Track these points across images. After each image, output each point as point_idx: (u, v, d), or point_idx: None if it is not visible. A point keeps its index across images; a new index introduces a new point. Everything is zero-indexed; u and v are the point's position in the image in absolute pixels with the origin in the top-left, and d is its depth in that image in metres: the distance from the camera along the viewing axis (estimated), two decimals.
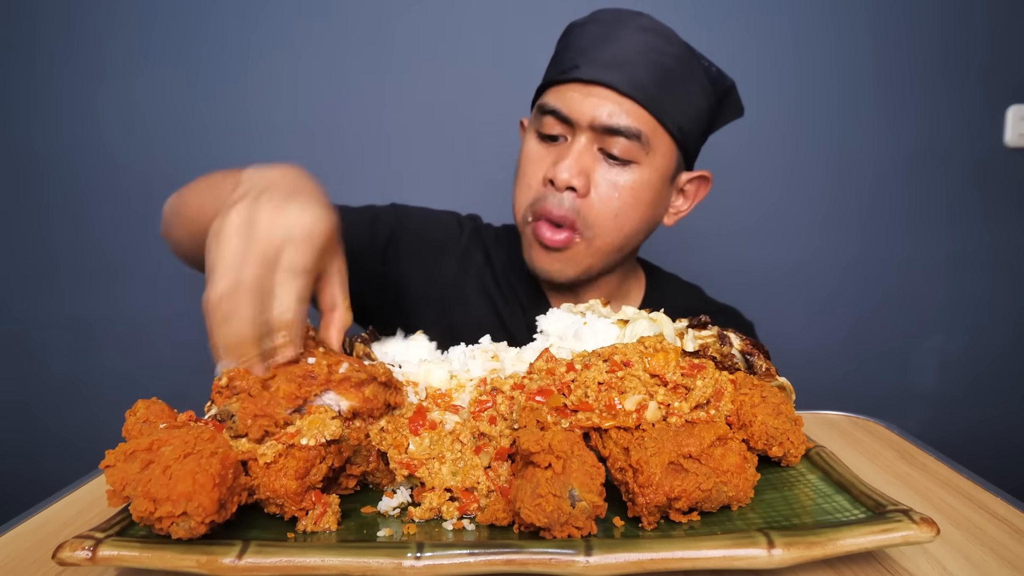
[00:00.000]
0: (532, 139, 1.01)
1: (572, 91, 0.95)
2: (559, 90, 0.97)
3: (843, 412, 0.91)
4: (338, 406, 0.58)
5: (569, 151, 0.95)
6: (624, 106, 0.94)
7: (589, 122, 0.94)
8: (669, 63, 0.95)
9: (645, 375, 0.59)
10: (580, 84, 0.95)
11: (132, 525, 0.52)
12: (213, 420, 0.59)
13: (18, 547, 0.58)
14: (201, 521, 0.47)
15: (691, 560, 0.47)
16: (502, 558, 0.47)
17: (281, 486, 0.53)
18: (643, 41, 0.95)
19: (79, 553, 0.47)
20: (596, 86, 0.94)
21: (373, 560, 0.47)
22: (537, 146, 1.00)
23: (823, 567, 0.51)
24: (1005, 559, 0.53)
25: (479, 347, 0.77)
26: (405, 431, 0.61)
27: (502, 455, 0.59)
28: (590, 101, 0.94)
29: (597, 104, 0.94)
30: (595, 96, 0.94)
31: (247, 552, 0.47)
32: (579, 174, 0.95)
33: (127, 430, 0.55)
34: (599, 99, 0.94)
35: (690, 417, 0.58)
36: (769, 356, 0.74)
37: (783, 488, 0.59)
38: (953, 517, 0.60)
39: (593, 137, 0.96)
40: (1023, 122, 1.78)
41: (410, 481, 0.60)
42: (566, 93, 0.96)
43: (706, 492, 0.53)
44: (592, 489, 0.50)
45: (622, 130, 0.94)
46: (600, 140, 0.96)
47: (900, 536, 0.48)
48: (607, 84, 0.93)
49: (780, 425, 0.60)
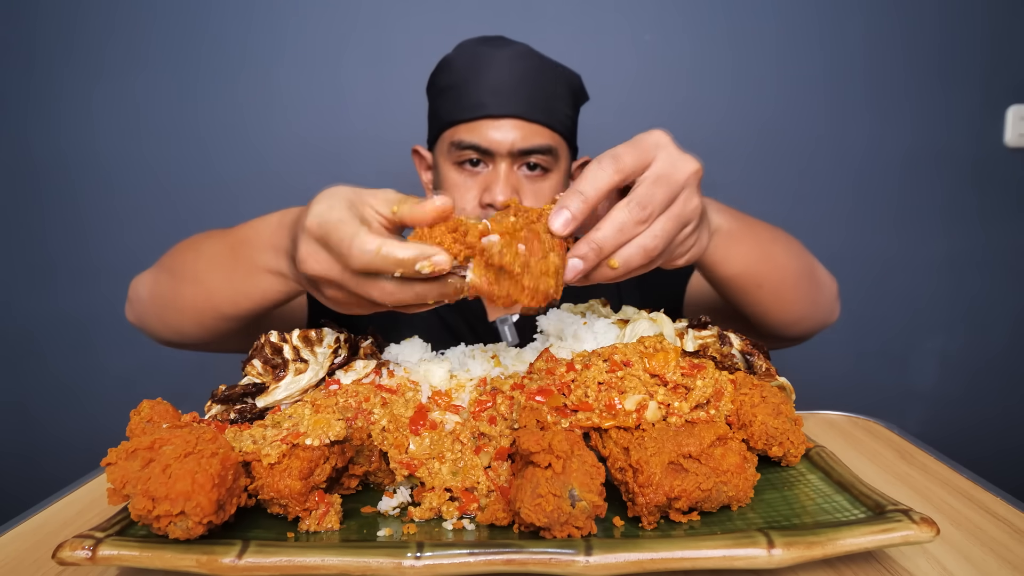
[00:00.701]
0: (451, 170, 1.13)
1: (484, 126, 1.08)
2: (471, 127, 1.09)
3: (843, 412, 0.91)
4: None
5: (497, 176, 1.08)
6: (532, 129, 1.08)
7: (508, 149, 1.07)
8: (544, 80, 1.10)
9: (645, 375, 0.59)
10: (490, 119, 1.08)
11: (132, 525, 0.52)
12: (214, 421, 0.59)
13: (18, 547, 0.58)
14: (199, 521, 0.47)
15: (691, 560, 0.47)
16: (502, 558, 0.47)
17: (285, 486, 0.53)
18: (524, 67, 1.08)
19: (79, 553, 0.47)
20: (505, 119, 1.07)
21: (373, 560, 0.47)
22: (458, 175, 1.12)
23: (823, 567, 0.51)
24: (1005, 559, 0.53)
25: (479, 347, 0.78)
26: (405, 431, 0.61)
27: (502, 455, 0.59)
28: (503, 132, 1.07)
29: (510, 134, 1.07)
30: (506, 127, 1.07)
31: (247, 552, 0.47)
32: (513, 193, 1.08)
33: (131, 429, 0.55)
34: (511, 129, 1.07)
35: (690, 417, 0.58)
36: (769, 356, 0.74)
37: (783, 488, 0.59)
38: (953, 517, 0.60)
39: (512, 160, 1.09)
40: (1023, 122, 1.78)
41: (410, 481, 0.61)
42: (479, 129, 1.08)
43: (706, 492, 0.53)
44: (592, 489, 0.50)
45: (537, 148, 1.08)
46: (518, 160, 1.09)
47: (900, 536, 0.48)
48: (515, 115, 1.07)
49: (780, 425, 0.60)
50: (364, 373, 0.70)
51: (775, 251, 0.85)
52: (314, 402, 0.61)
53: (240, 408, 0.67)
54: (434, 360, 0.73)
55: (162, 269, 0.91)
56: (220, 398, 0.67)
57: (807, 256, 0.92)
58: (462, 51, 1.14)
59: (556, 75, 1.12)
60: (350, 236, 0.54)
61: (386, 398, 0.65)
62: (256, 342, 0.71)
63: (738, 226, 0.77)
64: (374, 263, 0.53)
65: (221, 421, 0.65)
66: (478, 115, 1.08)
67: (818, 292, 0.93)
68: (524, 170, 1.11)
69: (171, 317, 0.88)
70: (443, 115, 1.13)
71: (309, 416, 0.58)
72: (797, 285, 0.89)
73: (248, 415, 0.66)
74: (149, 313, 0.92)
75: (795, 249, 0.90)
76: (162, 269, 0.91)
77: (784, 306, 0.88)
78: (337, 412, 0.60)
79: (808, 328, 0.95)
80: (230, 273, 0.77)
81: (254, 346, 0.71)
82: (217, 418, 0.66)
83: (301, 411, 0.60)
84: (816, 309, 0.94)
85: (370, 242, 0.53)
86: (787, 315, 0.89)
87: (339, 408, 0.62)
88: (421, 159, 1.27)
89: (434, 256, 0.53)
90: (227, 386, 0.68)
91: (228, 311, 0.80)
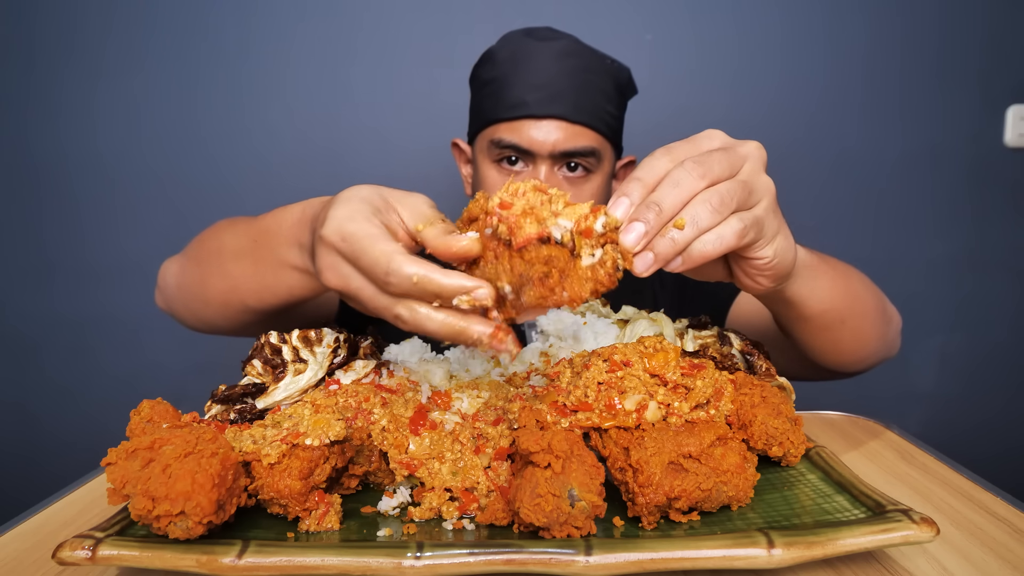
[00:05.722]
0: (490, 168, 1.10)
1: (525, 126, 1.04)
2: (512, 126, 1.05)
3: (843, 412, 0.91)
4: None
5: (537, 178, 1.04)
6: (575, 131, 1.04)
7: (549, 151, 1.04)
8: (592, 77, 1.06)
9: (645, 375, 0.59)
10: (531, 120, 1.04)
11: (132, 525, 0.52)
12: (214, 421, 0.59)
13: (18, 547, 0.58)
14: (199, 521, 0.47)
15: (691, 560, 0.47)
16: (502, 558, 0.47)
17: (285, 486, 0.53)
18: (570, 65, 1.04)
19: (79, 553, 0.47)
20: (547, 120, 1.04)
21: (373, 560, 0.47)
22: (497, 174, 1.09)
23: (823, 567, 0.51)
24: (1005, 559, 0.53)
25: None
26: (405, 431, 0.61)
27: (502, 455, 0.59)
28: (544, 133, 1.04)
29: (552, 134, 1.04)
30: (548, 128, 1.04)
31: (247, 552, 0.47)
32: None
33: (131, 429, 0.55)
34: (553, 130, 1.04)
35: (690, 417, 0.58)
36: (769, 356, 0.74)
37: (783, 488, 0.59)
38: (953, 517, 0.60)
39: (553, 162, 1.06)
40: (1023, 122, 1.78)
41: (410, 481, 0.61)
42: (520, 129, 1.05)
43: (706, 492, 0.53)
44: (592, 489, 0.50)
45: (579, 151, 1.05)
46: (559, 162, 1.06)
47: (900, 536, 0.48)
48: (558, 116, 1.03)
49: (780, 425, 0.60)
50: (364, 373, 0.70)
51: (855, 285, 0.80)
52: (314, 402, 0.61)
53: (240, 408, 0.67)
54: (434, 360, 0.73)
55: (188, 257, 0.87)
56: (220, 398, 0.67)
57: (877, 290, 0.87)
58: (506, 43, 1.10)
59: (603, 71, 1.07)
60: (386, 258, 0.50)
61: (386, 398, 0.65)
62: (256, 342, 0.71)
63: (816, 259, 0.72)
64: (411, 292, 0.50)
65: (221, 421, 0.65)
66: (519, 115, 1.04)
67: (888, 327, 0.89)
68: (564, 171, 1.07)
69: (198, 307, 0.85)
70: (484, 111, 1.09)
71: (309, 416, 0.58)
72: (875, 322, 0.84)
73: (248, 415, 0.66)
74: (176, 300, 0.89)
75: (869, 285, 0.86)
76: (188, 257, 0.87)
77: (860, 343, 0.83)
78: (337, 412, 0.60)
79: (872, 364, 0.89)
80: (255, 266, 0.73)
81: (254, 346, 0.71)
82: (217, 418, 0.66)
83: (301, 411, 0.60)
84: (885, 344, 0.89)
85: (409, 266, 0.49)
86: (861, 352, 0.84)
87: (339, 408, 0.62)
88: (461, 152, 1.24)
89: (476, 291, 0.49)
90: (227, 386, 0.68)
91: (253, 304, 0.76)
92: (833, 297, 0.73)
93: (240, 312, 0.79)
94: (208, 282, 0.81)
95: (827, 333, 0.77)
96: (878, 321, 0.85)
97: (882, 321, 0.86)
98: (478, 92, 1.12)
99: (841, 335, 0.78)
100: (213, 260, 0.81)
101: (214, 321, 0.84)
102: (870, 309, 0.82)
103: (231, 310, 0.80)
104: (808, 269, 0.69)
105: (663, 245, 0.51)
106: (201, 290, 0.83)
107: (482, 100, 1.10)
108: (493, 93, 1.07)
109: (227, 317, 0.82)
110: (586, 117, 1.04)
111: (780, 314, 0.77)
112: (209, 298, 0.82)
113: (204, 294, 0.82)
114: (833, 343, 0.80)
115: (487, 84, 1.09)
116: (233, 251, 0.77)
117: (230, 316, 0.81)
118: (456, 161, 1.25)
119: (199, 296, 0.84)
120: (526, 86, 1.04)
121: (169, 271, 0.90)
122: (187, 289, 0.86)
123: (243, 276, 0.75)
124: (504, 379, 0.72)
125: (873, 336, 0.85)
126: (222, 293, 0.79)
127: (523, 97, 1.03)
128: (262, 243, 0.71)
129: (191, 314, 0.88)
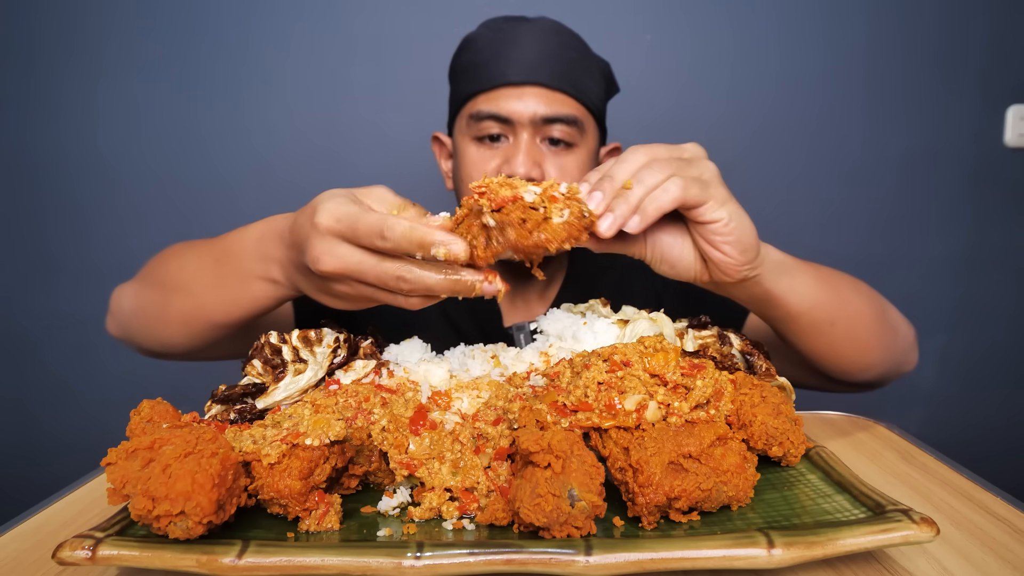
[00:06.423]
0: (469, 145, 1.07)
1: (505, 94, 1.02)
2: (490, 96, 1.03)
3: (843, 412, 0.91)
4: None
5: (518, 147, 1.02)
6: (556, 98, 1.02)
7: (530, 118, 1.01)
8: (575, 55, 1.05)
9: (645, 375, 0.59)
10: (511, 87, 1.02)
11: (132, 525, 0.52)
12: (214, 421, 0.59)
13: (18, 547, 0.58)
14: (199, 521, 0.47)
15: (691, 560, 0.47)
16: (502, 558, 0.47)
17: (285, 486, 0.53)
18: (554, 41, 1.03)
19: (79, 553, 0.47)
20: (527, 86, 1.01)
21: (373, 560, 0.47)
22: (477, 150, 1.06)
23: (823, 567, 0.51)
24: (1005, 559, 0.53)
25: (478, 347, 0.78)
26: (405, 431, 0.61)
27: (502, 455, 0.59)
28: (525, 100, 1.01)
29: (533, 101, 1.01)
30: (528, 95, 1.01)
31: (247, 552, 0.47)
32: (534, 166, 1.02)
33: (131, 429, 0.55)
34: (533, 96, 1.01)
35: (690, 417, 0.58)
36: (769, 356, 0.74)
37: (783, 488, 0.59)
38: (953, 517, 0.60)
39: (534, 131, 1.03)
40: (1023, 122, 1.78)
41: (410, 481, 0.60)
42: (499, 98, 1.02)
43: (706, 492, 0.53)
44: (592, 489, 0.50)
45: (561, 117, 1.02)
46: (541, 131, 1.03)
47: (900, 536, 0.48)
48: (537, 83, 1.01)
49: (780, 425, 0.60)
50: (364, 373, 0.70)
51: (843, 287, 0.82)
52: (314, 402, 0.61)
53: (240, 408, 0.67)
54: (434, 360, 0.73)
55: (146, 281, 0.90)
56: (220, 398, 0.67)
57: (879, 298, 0.88)
58: (485, 28, 1.08)
59: (587, 54, 1.07)
60: (379, 219, 0.57)
61: (386, 398, 0.65)
62: (256, 342, 0.71)
63: (794, 260, 0.75)
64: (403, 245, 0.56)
65: (221, 421, 0.65)
66: (498, 83, 1.02)
67: (893, 336, 0.88)
68: (547, 144, 1.04)
69: (158, 328, 0.87)
70: (463, 89, 1.07)
71: (309, 416, 0.58)
72: (870, 326, 0.84)
73: (248, 415, 0.66)
74: (134, 325, 0.91)
75: (864, 289, 0.86)
76: (146, 281, 0.90)
77: (858, 348, 0.83)
78: (337, 412, 0.60)
79: (882, 374, 0.89)
80: (220, 282, 0.78)
81: (254, 346, 0.71)
82: (217, 418, 0.66)
83: (301, 411, 0.60)
84: (891, 354, 0.89)
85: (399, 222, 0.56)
86: (862, 359, 0.85)
87: (339, 408, 0.62)
88: (442, 147, 1.22)
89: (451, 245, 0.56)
90: (227, 386, 0.68)
91: (219, 319, 0.80)
92: (816, 296, 0.76)
93: (204, 328, 0.82)
94: (170, 302, 0.84)
95: (819, 335, 0.79)
96: (875, 326, 0.85)
97: (882, 327, 0.86)
98: (456, 77, 1.10)
99: (833, 337, 0.80)
100: (175, 280, 0.85)
101: (174, 341, 0.87)
102: (863, 312, 0.83)
103: (194, 327, 0.83)
104: (783, 266, 0.73)
105: (619, 203, 0.61)
106: (162, 311, 0.86)
107: (460, 82, 1.08)
108: (473, 72, 1.05)
109: (189, 335, 0.84)
110: (567, 86, 1.02)
111: (767, 316, 0.79)
112: (171, 318, 0.85)
113: (165, 315, 0.85)
114: (828, 346, 0.81)
115: (466, 68, 1.07)
116: (196, 269, 0.82)
117: (192, 334, 0.84)
118: (436, 157, 1.24)
119: (159, 317, 0.86)
120: (507, 60, 1.02)
121: (124, 296, 0.92)
122: (146, 311, 0.89)
123: (208, 292, 0.79)
124: (504, 379, 0.72)
125: (873, 343, 0.85)
126: (184, 312, 0.83)
127: (503, 69, 1.02)
128: (224, 261, 0.77)
129: (150, 337, 0.90)
